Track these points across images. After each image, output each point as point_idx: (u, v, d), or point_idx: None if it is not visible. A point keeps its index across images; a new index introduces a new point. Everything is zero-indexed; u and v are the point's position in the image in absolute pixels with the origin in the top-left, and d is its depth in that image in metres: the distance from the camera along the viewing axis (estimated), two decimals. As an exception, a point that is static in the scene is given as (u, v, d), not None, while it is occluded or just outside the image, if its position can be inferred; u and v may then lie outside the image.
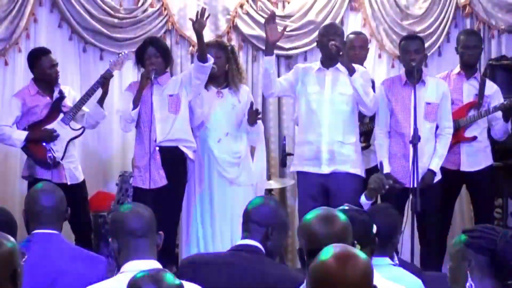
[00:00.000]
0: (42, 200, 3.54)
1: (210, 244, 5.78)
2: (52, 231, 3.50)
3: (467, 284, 2.81)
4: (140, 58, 5.90)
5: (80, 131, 6.18)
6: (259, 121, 6.00)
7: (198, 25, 5.70)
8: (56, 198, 3.58)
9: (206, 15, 5.73)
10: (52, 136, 6.02)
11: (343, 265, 2.21)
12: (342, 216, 2.80)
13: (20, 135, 6.04)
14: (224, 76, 5.88)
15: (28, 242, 3.35)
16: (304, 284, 2.73)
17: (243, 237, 3.49)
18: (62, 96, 6.14)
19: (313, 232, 2.76)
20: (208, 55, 5.71)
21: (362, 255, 2.25)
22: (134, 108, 5.74)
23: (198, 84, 5.80)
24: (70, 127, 6.11)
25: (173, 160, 5.80)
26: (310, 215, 2.80)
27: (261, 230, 3.47)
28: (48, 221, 3.50)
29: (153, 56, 5.81)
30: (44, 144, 6.01)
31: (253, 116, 5.82)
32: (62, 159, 6.05)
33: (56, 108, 6.12)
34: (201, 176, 5.82)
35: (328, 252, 2.24)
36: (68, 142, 6.10)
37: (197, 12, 5.79)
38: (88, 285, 3.20)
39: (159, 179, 5.76)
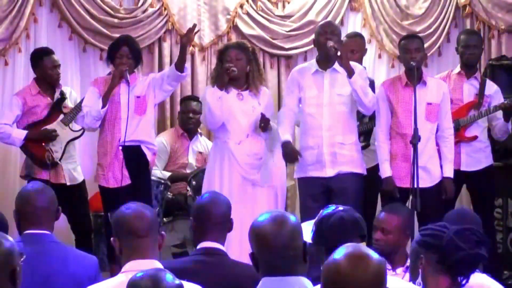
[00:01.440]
0: (33, 200, 3.52)
1: (230, 247, 5.72)
2: (44, 231, 3.48)
3: (416, 282, 2.87)
4: (112, 55, 5.92)
5: (80, 132, 6.18)
6: (275, 126, 5.93)
7: (187, 39, 5.91)
8: (47, 198, 3.56)
9: (195, 30, 5.92)
10: (52, 137, 6.02)
11: (355, 265, 2.21)
12: (292, 218, 2.80)
13: (20, 134, 6.04)
14: (245, 78, 5.84)
15: (20, 243, 3.33)
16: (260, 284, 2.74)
17: (205, 239, 3.49)
18: (63, 97, 6.14)
19: (263, 234, 2.74)
20: (186, 66, 5.90)
21: (375, 255, 2.25)
22: (103, 106, 5.78)
23: (169, 90, 6.04)
24: (70, 128, 6.11)
25: (136, 159, 5.85)
26: (260, 218, 2.79)
27: (224, 229, 3.54)
28: (40, 221, 3.48)
29: (125, 57, 5.85)
30: (43, 144, 6.01)
31: (265, 124, 5.75)
32: (60, 159, 6.05)
33: (56, 108, 6.12)
34: (222, 178, 5.78)
35: (340, 252, 2.24)
36: (67, 143, 6.11)
37: (189, 28, 5.92)
38: (79, 284, 3.19)
39: (122, 178, 5.78)
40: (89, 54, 7.08)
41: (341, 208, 3.28)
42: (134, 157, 5.84)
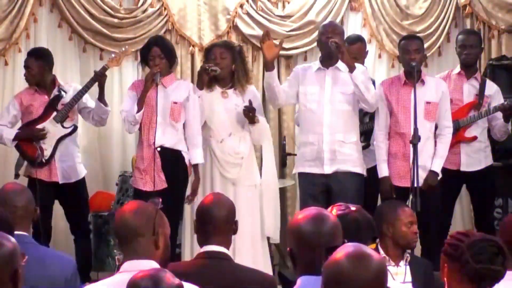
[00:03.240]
0: (12, 200, 3.48)
1: None
2: (21, 232, 3.43)
3: None
4: (145, 58, 5.87)
5: (70, 129, 6.12)
6: (263, 120, 5.94)
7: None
8: (26, 198, 3.53)
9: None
10: (39, 135, 6.00)
11: (356, 264, 2.21)
12: (331, 216, 2.77)
13: (10, 134, 6.05)
14: (230, 76, 5.84)
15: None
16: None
17: (208, 243, 3.45)
18: (59, 95, 6.11)
19: (302, 231, 2.70)
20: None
21: (376, 255, 2.24)
22: (138, 110, 5.72)
23: None
24: (62, 126, 6.07)
25: (174, 163, 5.80)
26: (300, 215, 2.76)
27: (228, 232, 3.50)
28: (18, 222, 3.43)
29: (158, 57, 5.75)
30: (34, 142, 6.01)
31: (252, 112, 5.73)
32: (50, 157, 6.02)
33: (51, 106, 6.09)
34: (205, 177, 5.80)
35: (341, 251, 2.24)
36: (58, 140, 6.07)
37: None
38: (55, 286, 3.17)
39: (159, 182, 5.75)
40: (89, 54, 7.08)
41: (353, 208, 3.24)
42: (171, 162, 5.77)
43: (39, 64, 6.08)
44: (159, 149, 5.72)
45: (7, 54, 6.82)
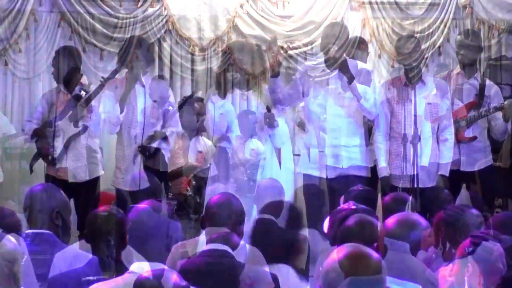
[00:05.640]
0: (38, 200, 3.61)
1: None
2: (45, 231, 3.52)
3: None
4: (124, 58, 5.94)
5: (79, 129, 6.15)
6: (282, 122, 5.95)
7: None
8: (51, 198, 3.64)
9: None
10: (50, 133, 6.06)
11: (356, 264, 2.21)
12: (421, 221, 2.84)
13: (30, 130, 6.18)
14: (248, 78, 5.86)
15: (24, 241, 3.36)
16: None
17: (212, 241, 3.47)
18: (79, 95, 6.13)
19: (393, 235, 2.84)
20: None
21: (374, 254, 2.25)
22: (121, 111, 5.78)
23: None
24: (74, 125, 6.11)
25: (154, 161, 5.84)
26: (391, 219, 2.88)
27: (232, 232, 3.51)
28: (42, 220, 3.55)
29: (136, 60, 5.86)
30: (49, 140, 6.07)
31: (269, 119, 5.77)
32: (61, 155, 6.06)
33: (69, 105, 6.14)
34: (228, 178, 5.81)
35: (340, 252, 2.25)
36: (69, 139, 6.11)
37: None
38: (79, 283, 3.20)
39: (141, 181, 5.78)
40: (89, 54, 7.08)
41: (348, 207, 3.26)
42: (153, 158, 5.83)
43: (66, 63, 6.14)
44: (140, 148, 5.77)
45: (7, 54, 6.82)
